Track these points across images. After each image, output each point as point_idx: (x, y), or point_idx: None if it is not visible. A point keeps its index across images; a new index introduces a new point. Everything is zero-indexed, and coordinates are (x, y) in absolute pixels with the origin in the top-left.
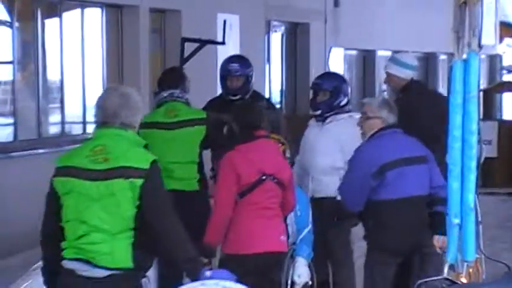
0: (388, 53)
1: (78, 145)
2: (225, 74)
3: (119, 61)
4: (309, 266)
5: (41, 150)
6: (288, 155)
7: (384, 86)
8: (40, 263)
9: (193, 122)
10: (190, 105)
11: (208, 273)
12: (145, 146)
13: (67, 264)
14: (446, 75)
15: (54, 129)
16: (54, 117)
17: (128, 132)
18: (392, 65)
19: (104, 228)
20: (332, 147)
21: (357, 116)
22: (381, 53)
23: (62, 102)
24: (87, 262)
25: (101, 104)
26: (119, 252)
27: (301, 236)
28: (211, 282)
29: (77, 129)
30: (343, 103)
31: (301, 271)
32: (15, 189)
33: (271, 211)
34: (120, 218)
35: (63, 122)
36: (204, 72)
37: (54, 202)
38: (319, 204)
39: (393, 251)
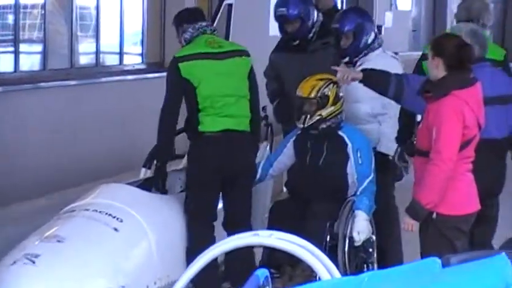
0: None
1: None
2: None
3: None
4: (370, 221)
5: (72, 82)
6: (341, 93)
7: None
8: (71, 205)
9: (240, 52)
10: None
11: None
12: None
13: None
14: None
15: (87, 59)
16: (88, 46)
17: None
18: None
19: None
20: (368, 92)
21: (389, 52)
22: None
23: (97, 29)
24: None
25: None
26: None
27: (362, 187)
28: (266, 233)
29: (112, 60)
30: (370, 40)
31: (362, 227)
32: (43, 122)
33: (471, 164)
34: None
35: (97, 52)
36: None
37: None
38: None
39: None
